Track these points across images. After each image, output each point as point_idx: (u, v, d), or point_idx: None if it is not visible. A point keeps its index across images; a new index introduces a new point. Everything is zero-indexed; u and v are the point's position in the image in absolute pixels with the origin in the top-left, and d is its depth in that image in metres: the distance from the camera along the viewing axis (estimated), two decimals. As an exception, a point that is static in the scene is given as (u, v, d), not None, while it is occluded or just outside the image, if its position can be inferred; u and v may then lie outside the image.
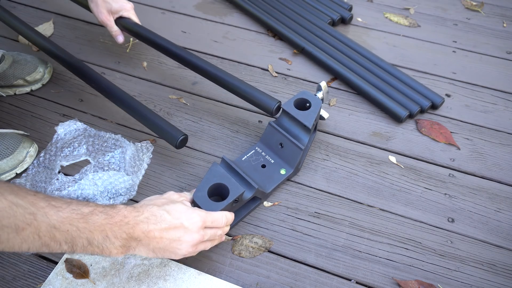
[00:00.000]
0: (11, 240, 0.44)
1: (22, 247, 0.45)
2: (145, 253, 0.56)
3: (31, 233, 0.45)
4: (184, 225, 0.57)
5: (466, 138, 0.87)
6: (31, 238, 0.45)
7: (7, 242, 0.44)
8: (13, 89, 0.91)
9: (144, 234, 0.54)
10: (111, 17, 0.89)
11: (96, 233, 0.50)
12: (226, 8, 1.18)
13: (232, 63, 1.03)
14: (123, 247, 0.53)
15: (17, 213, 0.44)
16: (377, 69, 0.97)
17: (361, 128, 0.89)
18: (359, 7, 1.19)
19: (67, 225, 0.48)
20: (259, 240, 0.70)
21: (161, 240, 0.55)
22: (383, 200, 0.76)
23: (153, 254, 0.57)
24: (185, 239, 0.57)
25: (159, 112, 0.90)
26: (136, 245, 0.55)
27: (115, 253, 0.53)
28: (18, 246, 0.45)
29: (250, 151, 0.79)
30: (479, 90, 0.97)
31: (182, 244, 0.57)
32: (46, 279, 0.64)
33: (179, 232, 0.57)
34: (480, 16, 1.17)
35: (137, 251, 0.55)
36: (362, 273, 0.67)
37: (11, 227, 0.43)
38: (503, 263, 0.69)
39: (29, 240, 0.45)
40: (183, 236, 0.57)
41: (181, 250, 0.57)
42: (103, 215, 0.52)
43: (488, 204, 0.76)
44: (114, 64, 1.01)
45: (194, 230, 0.58)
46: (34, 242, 0.46)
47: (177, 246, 0.57)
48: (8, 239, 0.44)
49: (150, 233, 0.55)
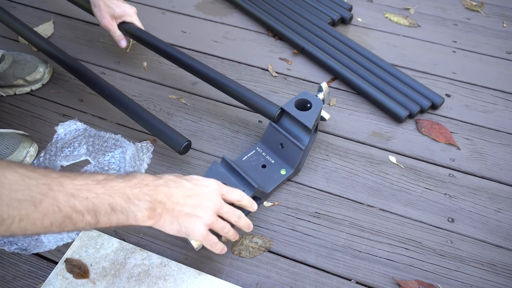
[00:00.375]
0: (31, 216, 0.41)
1: (44, 222, 0.42)
2: (169, 222, 0.53)
3: (49, 204, 0.42)
4: (203, 191, 0.56)
5: (466, 138, 0.87)
6: (51, 211, 0.43)
7: (27, 218, 0.41)
8: (13, 89, 0.91)
9: (167, 197, 0.52)
10: (114, 22, 0.89)
11: (116, 197, 0.48)
12: (226, 8, 1.18)
13: (232, 63, 1.03)
14: (150, 211, 0.50)
15: (30, 185, 0.41)
16: (377, 69, 0.97)
17: (361, 128, 0.89)
18: (359, 7, 1.19)
19: (84, 192, 0.45)
20: (259, 240, 0.70)
21: (184, 205, 0.53)
22: (383, 200, 0.76)
23: (178, 225, 0.54)
24: (206, 204, 0.55)
25: (159, 112, 0.90)
26: (162, 211, 0.52)
27: (142, 218, 0.50)
28: (40, 222, 0.42)
29: (250, 151, 0.79)
30: (479, 90, 0.97)
31: (204, 210, 0.55)
32: (46, 279, 0.64)
33: (200, 198, 0.55)
34: (480, 16, 1.17)
35: (163, 220, 0.53)
36: (362, 273, 0.67)
37: (27, 201, 0.41)
38: (503, 263, 0.69)
39: (49, 213, 0.42)
40: (204, 201, 0.55)
41: (204, 218, 0.55)
42: (119, 179, 0.49)
43: (488, 204, 0.76)
44: (114, 64, 1.01)
45: (213, 194, 0.56)
46: (55, 215, 0.43)
47: (199, 213, 0.55)
48: (27, 214, 0.41)
49: (173, 197, 0.52)
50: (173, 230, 0.54)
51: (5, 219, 0.40)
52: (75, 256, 0.66)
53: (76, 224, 0.45)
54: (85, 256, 0.66)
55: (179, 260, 0.67)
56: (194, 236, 0.56)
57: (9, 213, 0.40)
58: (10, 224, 0.40)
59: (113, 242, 0.68)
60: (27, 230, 0.42)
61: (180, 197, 0.53)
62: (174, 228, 0.54)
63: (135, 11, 0.91)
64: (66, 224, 0.45)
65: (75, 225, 0.45)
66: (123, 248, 0.68)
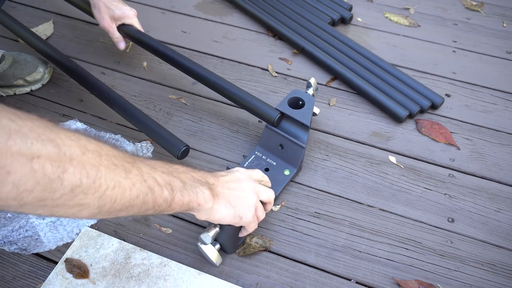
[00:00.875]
0: (123, 183, 0.41)
1: (133, 193, 0.42)
2: (224, 206, 0.55)
3: (137, 174, 0.43)
4: (240, 176, 0.59)
5: (466, 138, 0.87)
6: (138, 180, 0.43)
7: (119, 186, 0.41)
8: (13, 89, 0.91)
9: (216, 180, 0.55)
10: (113, 23, 0.88)
11: (183, 176, 0.50)
12: (226, 8, 1.18)
13: (232, 63, 1.03)
14: (210, 191, 0.53)
15: (120, 155, 0.42)
16: (377, 69, 0.97)
17: (361, 128, 0.89)
18: (359, 7, 1.19)
19: (159, 168, 0.47)
20: (259, 240, 0.70)
21: (231, 187, 0.56)
22: (383, 200, 0.76)
23: (232, 208, 0.56)
24: (248, 187, 0.58)
25: (159, 112, 0.90)
26: (217, 193, 0.54)
27: (206, 198, 0.52)
28: (129, 192, 0.42)
29: (250, 156, 0.78)
30: (479, 90, 0.97)
31: (248, 191, 0.58)
32: (46, 279, 0.64)
33: (241, 181, 0.58)
34: (480, 16, 1.17)
35: (219, 202, 0.54)
36: (362, 273, 0.67)
37: (121, 166, 0.41)
38: (503, 263, 0.69)
39: (137, 182, 0.43)
40: (245, 184, 0.58)
41: (251, 198, 0.58)
42: (179, 164, 0.52)
43: (488, 204, 0.76)
44: (114, 64, 1.01)
45: (249, 179, 0.60)
46: (141, 185, 0.43)
47: (245, 194, 0.58)
48: (120, 182, 0.41)
49: (219, 180, 0.56)
50: (229, 214, 0.56)
51: (102, 184, 0.39)
52: (75, 256, 0.66)
53: (156, 199, 0.45)
54: (85, 256, 0.66)
55: (179, 260, 0.67)
56: (245, 219, 0.58)
57: (106, 177, 0.39)
58: (105, 190, 0.39)
59: (113, 242, 0.68)
60: (116, 201, 0.41)
61: (226, 180, 0.57)
62: (230, 212, 0.56)
63: (135, 13, 0.91)
64: (148, 197, 0.44)
65: (155, 200, 0.45)
66: (123, 248, 0.68)
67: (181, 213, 0.73)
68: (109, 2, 0.87)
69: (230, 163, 0.81)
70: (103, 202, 0.40)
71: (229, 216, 0.56)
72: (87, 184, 0.37)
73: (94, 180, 0.38)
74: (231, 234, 0.63)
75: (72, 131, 0.39)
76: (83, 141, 0.38)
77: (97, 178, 0.38)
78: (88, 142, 0.39)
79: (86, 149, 0.38)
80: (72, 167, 0.36)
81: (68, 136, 0.37)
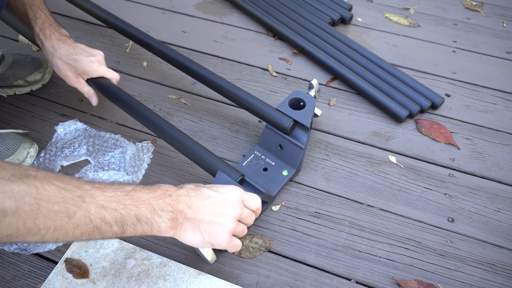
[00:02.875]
0: (64, 226, 0.44)
1: (75, 233, 0.45)
2: (191, 232, 0.54)
3: (82, 216, 0.45)
4: (224, 198, 0.56)
5: (466, 138, 0.87)
6: (83, 222, 0.45)
7: (61, 229, 0.43)
8: (13, 89, 0.91)
9: (187, 206, 0.53)
10: (78, 78, 0.79)
11: (142, 208, 0.50)
12: (226, 8, 1.19)
13: (232, 63, 1.03)
14: (172, 221, 0.52)
15: (66, 197, 0.44)
16: (377, 69, 0.97)
17: (361, 128, 0.89)
18: (359, 7, 1.19)
19: (114, 204, 0.48)
20: (259, 240, 0.70)
21: (205, 214, 0.54)
22: (383, 200, 0.76)
23: (200, 235, 0.54)
24: (228, 212, 0.55)
25: (159, 112, 0.90)
26: (183, 220, 0.53)
27: (165, 229, 0.52)
28: (72, 232, 0.44)
29: (249, 156, 0.78)
30: (479, 90, 0.97)
31: (226, 217, 0.55)
32: (46, 279, 0.64)
33: (221, 205, 0.55)
34: (480, 16, 1.17)
35: (184, 229, 0.53)
36: (362, 273, 0.67)
37: (63, 212, 0.43)
38: (503, 263, 0.69)
39: (81, 224, 0.45)
40: (225, 208, 0.55)
41: (227, 225, 0.55)
42: (146, 190, 0.51)
43: (488, 204, 0.76)
44: (114, 64, 1.01)
45: (234, 201, 0.57)
46: (86, 226, 0.45)
47: (221, 220, 0.55)
48: (61, 225, 0.43)
49: (193, 205, 0.53)
50: (196, 240, 0.55)
51: (41, 229, 0.42)
52: (75, 256, 0.66)
53: (103, 234, 0.48)
54: (85, 256, 0.66)
55: (179, 260, 0.67)
56: (219, 244, 0.56)
57: (45, 224, 0.42)
58: (45, 234, 0.43)
59: (113, 242, 0.68)
60: (58, 239, 0.44)
61: (200, 205, 0.54)
62: (197, 239, 0.55)
63: (101, 58, 0.79)
64: (94, 234, 0.47)
65: (103, 235, 0.48)
66: (123, 248, 0.68)
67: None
68: (67, 57, 0.76)
69: (231, 162, 0.81)
70: (45, 240, 0.44)
71: (197, 242, 0.55)
72: (24, 231, 0.41)
73: (30, 229, 0.42)
74: None
75: (18, 183, 0.41)
76: (27, 198, 0.41)
77: (35, 226, 0.42)
78: (27, 194, 0.41)
79: (23, 202, 0.41)
80: (8, 218, 0.40)
81: (7, 190, 0.40)
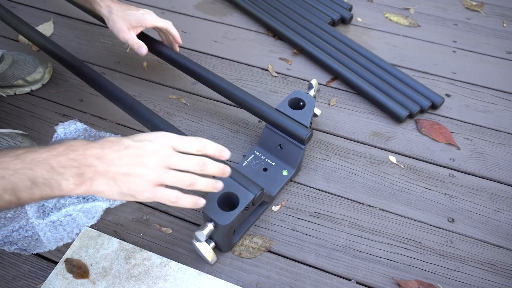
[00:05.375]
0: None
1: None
2: (106, 185, 0.47)
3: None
4: (145, 145, 0.49)
5: (466, 138, 0.87)
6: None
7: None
8: (13, 89, 0.91)
9: (97, 158, 0.46)
10: (131, 31, 0.79)
11: (37, 169, 0.43)
12: (226, 8, 1.19)
13: (232, 63, 1.03)
14: (78, 177, 0.45)
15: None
16: (377, 69, 0.97)
17: (361, 128, 0.89)
18: (359, 7, 1.19)
19: (0, 171, 0.42)
20: (259, 240, 0.70)
21: (120, 165, 0.47)
22: (383, 200, 0.76)
23: (116, 187, 0.47)
24: (148, 160, 0.48)
25: (159, 112, 0.90)
26: (93, 175, 0.46)
27: (68, 187, 0.45)
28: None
29: (249, 156, 0.78)
30: (479, 90, 0.97)
31: (146, 166, 0.48)
32: (46, 279, 0.64)
33: (141, 155, 0.48)
34: (480, 16, 1.17)
35: (96, 184, 0.46)
36: (362, 273, 0.67)
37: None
38: (503, 263, 0.69)
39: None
40: (145, 157, 0.48)
41: (147, 175, 0.48)
42: (42, 149, 0.45)
43: (488, 204, 0.76)
44: (114, 64, 1.01)
45: (158, 148, 0.49)
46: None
47: (139, 171, 0.48)
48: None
49: (106, 157, 0.47)
50: (114, 193, 0.48)
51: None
52: (75, 256, 0.66)
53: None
54: (85, 256, 0.66)
55: (179, 260, 0.67)
56: (140, 196, 0.48)
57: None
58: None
59: (113, 242, 0.68)
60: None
61: (115, 157, 0.47)
62: (114, 191, 0.48)
63: (152, 12, 0.82)
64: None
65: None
66: (123, 248, 0.68)
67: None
68: (122, 12, 0.78)
69: (231, 163, 0.81)
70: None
71: (115, 194, 0.48)
72: None
73: None
74: (225, 232, 0.63)
75: None
76: None
77: None
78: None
79: None
80: None
81: None
